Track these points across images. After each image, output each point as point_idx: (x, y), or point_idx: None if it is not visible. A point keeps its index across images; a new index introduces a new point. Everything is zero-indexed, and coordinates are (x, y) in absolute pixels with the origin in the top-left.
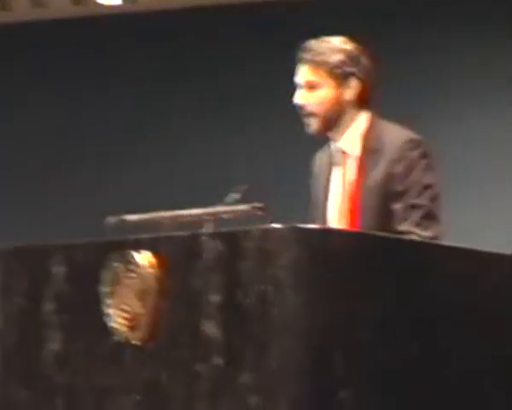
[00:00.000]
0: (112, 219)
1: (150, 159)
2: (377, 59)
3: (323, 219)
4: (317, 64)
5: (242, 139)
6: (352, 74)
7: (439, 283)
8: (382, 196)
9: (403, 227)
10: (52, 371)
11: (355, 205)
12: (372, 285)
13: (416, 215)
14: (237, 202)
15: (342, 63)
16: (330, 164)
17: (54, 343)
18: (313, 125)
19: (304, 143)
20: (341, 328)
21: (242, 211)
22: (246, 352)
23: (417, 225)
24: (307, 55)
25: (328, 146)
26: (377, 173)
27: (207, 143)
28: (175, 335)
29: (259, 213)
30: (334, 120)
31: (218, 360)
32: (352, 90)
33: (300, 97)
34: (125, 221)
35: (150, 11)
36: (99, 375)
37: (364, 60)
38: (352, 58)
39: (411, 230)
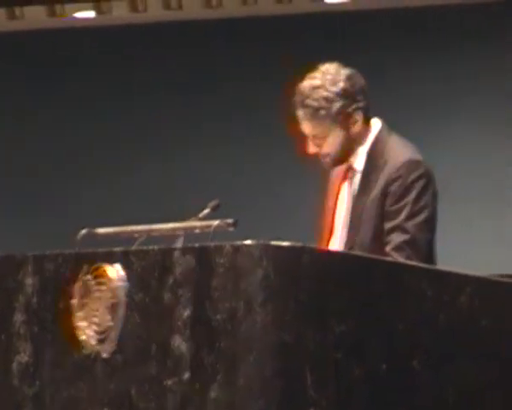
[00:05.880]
0: (84, 232)
1: (122, 174)
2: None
3: (330, 228)
4: (319, 119)
5: (215, 155)
6: (354, 110)
7: (409, 303)
8: (378, 213)
9: (387, 248)
10: (21, 382)
11: (355, 219)
12: (343, 304)
13: (400, 239)
14: (209, 217)
15: (342, 107)
16: (344, 175)
17: (23, 355)
18: (329, 163)
19: (276, 160)
20: (311, 346)
21: (214, 226)
22: (214, 367)
23: (398, 249)
24: (307, 111)
25: None
26: (376, 190)
27: (181, 157)
28: (144, 349)
29: (231, 228)
30: (348, 153)
31: (187, 375)
32: (358, 123)
33: (312, 149)
34: (97, 234)
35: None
36: (68, 387)
37: (358, 82)
38: (348, 96)
39: (391, 253)
